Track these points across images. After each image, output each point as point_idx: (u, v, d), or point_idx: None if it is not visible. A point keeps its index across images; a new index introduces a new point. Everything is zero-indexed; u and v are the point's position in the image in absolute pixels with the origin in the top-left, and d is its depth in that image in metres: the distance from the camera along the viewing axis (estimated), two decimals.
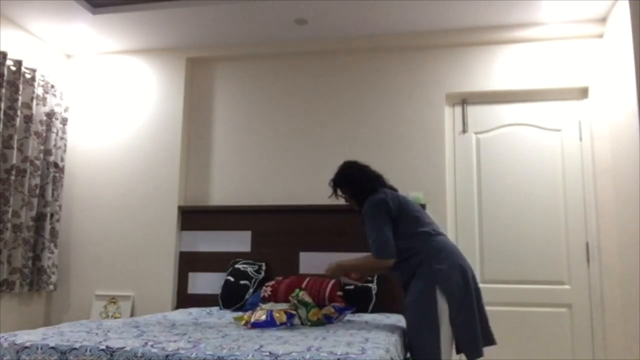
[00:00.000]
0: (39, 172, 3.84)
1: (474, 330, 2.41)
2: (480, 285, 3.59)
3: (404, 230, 2.53)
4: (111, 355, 1.75)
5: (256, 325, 2.43)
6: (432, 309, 2.38)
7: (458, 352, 2.48)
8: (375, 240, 2.48)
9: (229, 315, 3.20)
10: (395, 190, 2.75)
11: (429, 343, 2.36)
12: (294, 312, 2.60)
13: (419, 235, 2.52)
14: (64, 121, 4.13)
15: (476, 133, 3.82)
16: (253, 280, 3.59)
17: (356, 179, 2.70)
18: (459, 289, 2.41)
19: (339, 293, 3.32)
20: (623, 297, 3.33)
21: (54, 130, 3.98)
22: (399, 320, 3.00)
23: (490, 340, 2.50)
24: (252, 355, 1.66)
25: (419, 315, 2.41)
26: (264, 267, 3.71)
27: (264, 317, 2.46)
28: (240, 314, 3.00)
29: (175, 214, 3.96)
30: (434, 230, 2.57)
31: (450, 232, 3.71)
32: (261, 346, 1.80)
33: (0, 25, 3.65)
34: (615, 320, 3.40)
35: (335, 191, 2.76)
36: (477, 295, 2.49)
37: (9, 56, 3.68)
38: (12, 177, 3.59)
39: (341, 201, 2.86)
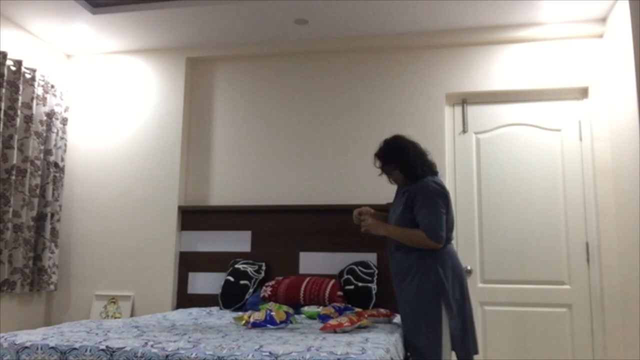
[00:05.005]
0: (39, 172, 3.84)
1: (468, 335, 2.55)
2: (480, 285, 3.62)
3: None
4: (111, 355, 1.76)
5: (256, 325, 2.44)
6: (436, 325, 2.47)
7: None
8: (432, 220, 2.51)
9: (229, 315, 3.20)
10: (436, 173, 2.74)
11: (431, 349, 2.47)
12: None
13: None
14: (64, 121, 4.13)
15: (476, 133, 3.82)
16: (253, 280, 3.59)
17: (412, 156, 2.69)
18: (457, 301, 2.53)
19: (339, 293, 3.32)
20: (623, 297, 3.33)
21: (54, 130, 3.98)
22: (399, 320, 3.00)
23: (475, 350, 2.60)
24: (252, 355, 1.66)
25: (422, 328, 2.50)
26: (264, 267, 3.71)
27: (263, 317, 2.47)
28: (240, 314, 3.00)
29: (175, 214, 3.96)
30: (449, 238, 2.65)
31: None
32: (261, 346, 1.80)
33: (0, 25, 3.65)
34: (615, 320, 3.40)
35: (385, 161, 2.73)
36: (469, 305, 2.63)
37: (9, 56, 3.68)
38: (13, 177, 3.59)
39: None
